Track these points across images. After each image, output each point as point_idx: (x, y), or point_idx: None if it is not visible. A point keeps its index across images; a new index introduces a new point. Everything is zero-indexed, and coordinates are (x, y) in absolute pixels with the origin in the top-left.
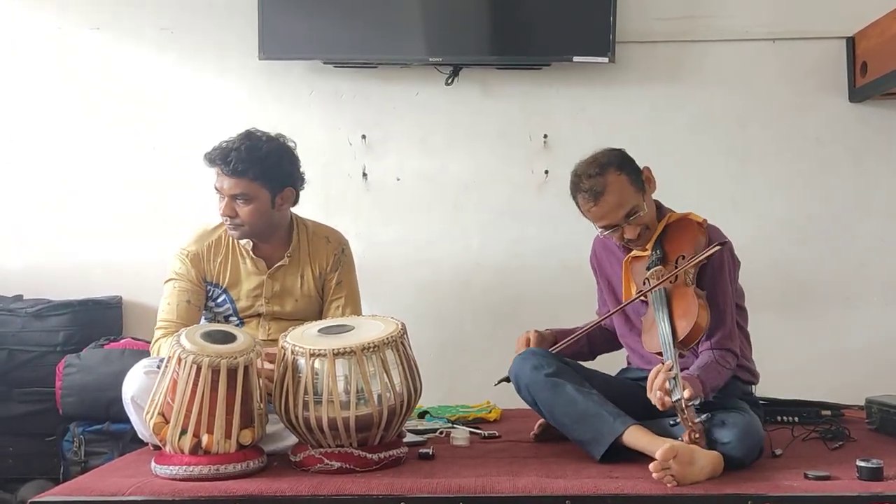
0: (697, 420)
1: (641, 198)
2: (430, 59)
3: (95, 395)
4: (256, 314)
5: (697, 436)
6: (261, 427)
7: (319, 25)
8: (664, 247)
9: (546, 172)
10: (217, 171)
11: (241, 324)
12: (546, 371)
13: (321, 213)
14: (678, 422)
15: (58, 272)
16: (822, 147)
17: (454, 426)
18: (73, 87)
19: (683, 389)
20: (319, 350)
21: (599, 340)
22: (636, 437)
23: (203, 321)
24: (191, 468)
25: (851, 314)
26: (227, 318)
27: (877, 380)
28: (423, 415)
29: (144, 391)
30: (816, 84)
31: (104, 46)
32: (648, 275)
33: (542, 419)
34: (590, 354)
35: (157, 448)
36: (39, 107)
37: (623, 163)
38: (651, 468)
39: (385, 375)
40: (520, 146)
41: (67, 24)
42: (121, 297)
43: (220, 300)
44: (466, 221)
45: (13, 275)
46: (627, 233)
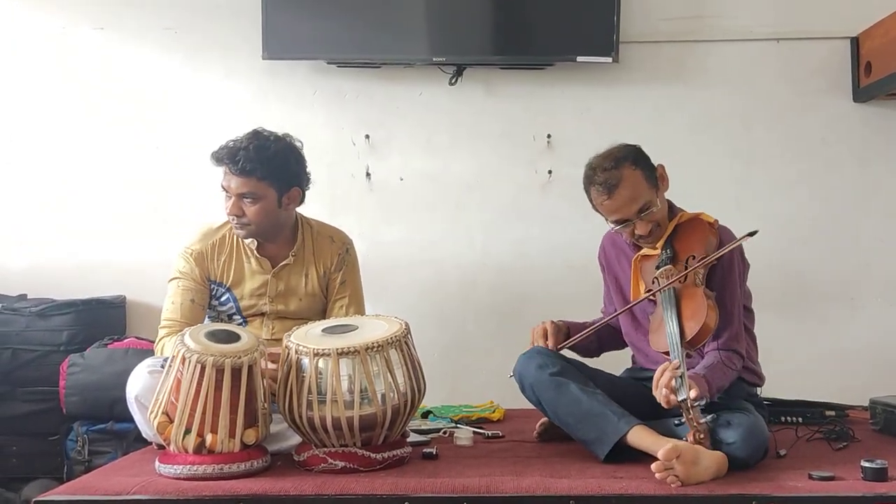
0: (702, 420)
1: (655, 194)
2: (434, 59)
3: (99, 395)
4: (260, 313)
5: (702, 436)
6: (265, 427)
7: (323, 25)
8: (674, 246)
9: (550, 172)
10: (224, 170)
11: (245, 323)
12: (550, 370)
13: (325, 213)
14: (683, 422)
15: (61, 272)
16: (826, 147)
17: (458, 426)
18: (77, 87)
19: (689, 389)
20: (323, 350)
21: (608, 337)
22: (640, 437)
23: (207, 320)
24: (195, 467)
25: (855, 314)
26: (231, 317)
27: (881, 380)
28: (427, 415)
29: (148, 390)
30: (820, 84)
31: (108, 46)
32: (658, 274)
33: (545, 418)
34: (598, 351)
35: (161, 447)
36: (45, 107)
37: (638, 158)
38: (653, 468)
39: (389, 375)
40: (523, 146)
41: (71, 24)
42: (124, 297)
43: (224, 299)
44: (470, 221)
45: (17, 274)
46: (639, 228)
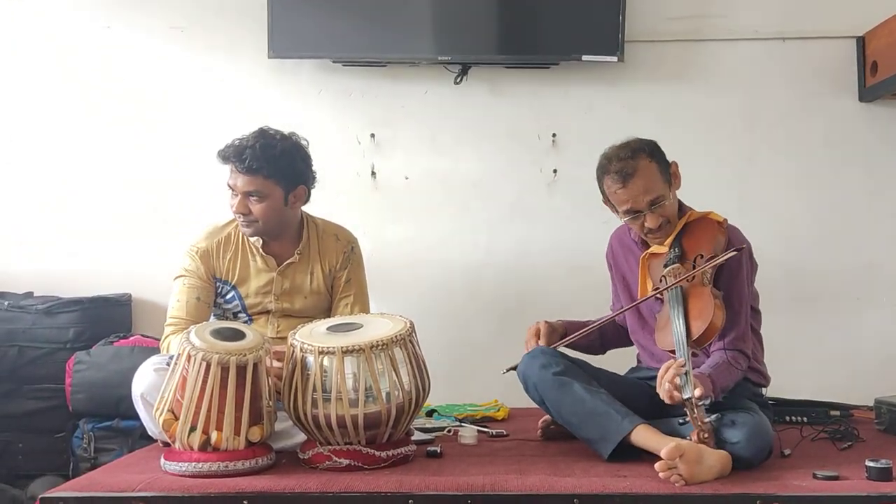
0: (707, 420)
1: (667, 189)
2: (439, 58)
3: (105, 392)
4: (265, 311)
5: (706, 435)
6: (270, 424)
7: (329, 24)
8: (683, 245)
9: (554, 171)
10: (231, 169)
11: (250, 320)
12: (554, 370)
13: (330, 212)
14: (687, 421)
15: (68, 270)
16: (832, 147)
17: (462, 424)
18: (84, 86)
19: (694, 388)
20: (328, 348)
21: (612, 335)
22: (644, 437)
23: (212, 318)
24: (200, 465)
25: (861, 315)
26: (236, 315)
27: (886, 380)
28: (431, 413)
29: (154, 388)
30: (826, 84)
31: (114, 45)
32: (666, 272)
33: (547, 417)
34: (601, 349)
35: (167, 445)
36: (51, 105)
37: (655, 151)
38: (657, 467)
39: (394, 373)
40: (528, 145)
41: (78, 23)
42: (130, 295)
43: (229, 297)
44: (475, 220)
45: (24, 272)
46: (649, 221)
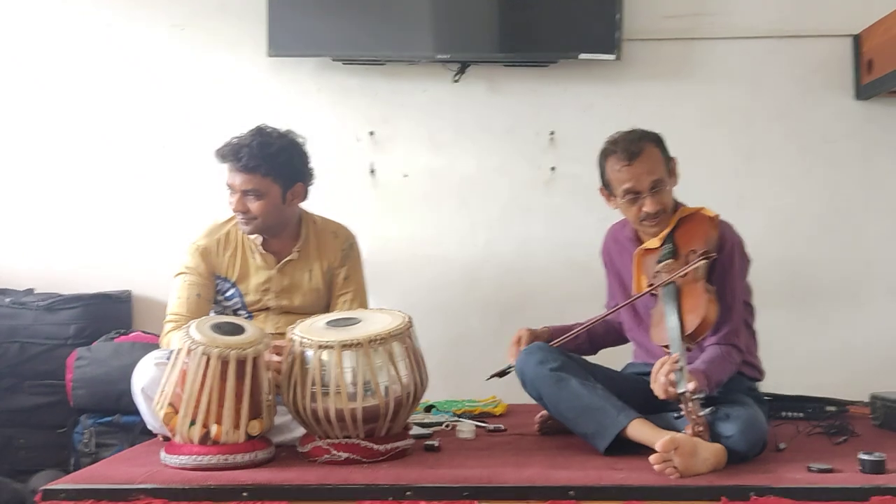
0: (701, 413)
1: (668, 178)
2: (438, 56)
3: (106, 388)
4: (265, 308)
5: (701, 429)
6: (269, 418)
7: (328, 22)
8: (676, 241)
9: (553, 169)
10: (228, 167)
11: (250, 317)
12: (551, 365)
13: (329, 209)
14: (682, 415)
15: (68, 267)
16: (829, 145)
17: (460, 419)
18: (84, 83)
19: (689, 382)
20: (327, 342)
21: (602, 336)
22: (640, 430)
23: (212, 315)
24: (200, 458)
25: (858, 311)
26: (236, 312)
27: (882, 376)
28: (430, 409)
29: (154, 382)
30: (823, 82)
31: (114, 43)
32: (659, 268)
33: (544, 412)
34: (591, 350)
35: (167, 438)
36: (53, 102)
37: (659, 141)
38: (651, 460)
39: (392, 367)
40: (526, 143)
41: (77, 21)
42: (130, 292)
43: (230, 294)
44: (473, 218)
45: (25, 269)
46: (647, 205)
